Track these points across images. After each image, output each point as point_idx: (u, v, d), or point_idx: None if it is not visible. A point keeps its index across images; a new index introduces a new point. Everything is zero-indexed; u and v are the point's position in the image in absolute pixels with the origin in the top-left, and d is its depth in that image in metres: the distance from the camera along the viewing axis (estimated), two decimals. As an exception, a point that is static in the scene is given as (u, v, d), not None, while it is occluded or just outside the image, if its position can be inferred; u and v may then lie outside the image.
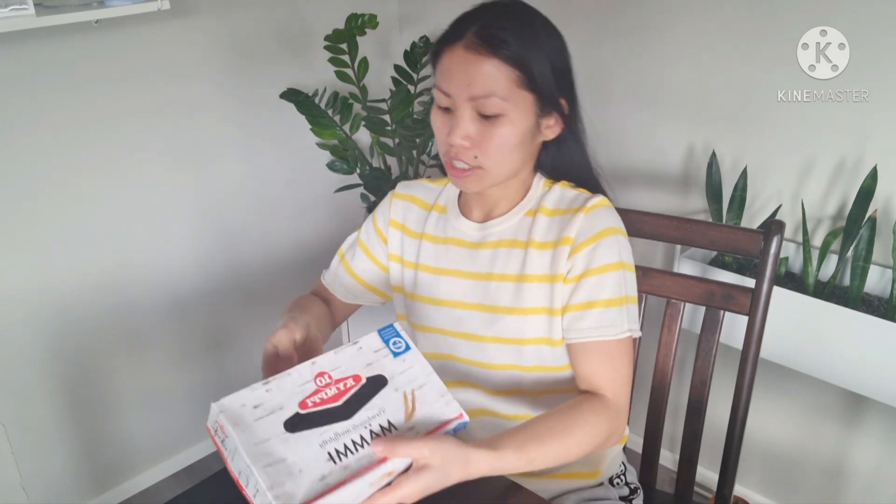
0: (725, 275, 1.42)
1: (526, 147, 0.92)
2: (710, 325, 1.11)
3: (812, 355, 1.34)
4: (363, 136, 1.94)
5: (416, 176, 1.84)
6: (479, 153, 0.88)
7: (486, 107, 0.87)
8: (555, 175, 0.99)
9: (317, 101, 1.74)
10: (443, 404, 0.75)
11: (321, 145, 1.85)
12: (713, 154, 1.48)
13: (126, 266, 1.75)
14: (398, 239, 1.05)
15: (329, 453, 0.66)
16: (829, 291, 1.36)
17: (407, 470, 0.69)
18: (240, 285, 1.99)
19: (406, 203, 1.06)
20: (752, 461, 1.70)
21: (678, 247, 1.54)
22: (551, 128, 0.93)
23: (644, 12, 1.56)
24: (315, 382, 0.71)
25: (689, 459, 1.16)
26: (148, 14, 1.52)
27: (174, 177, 1.79)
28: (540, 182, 0.99)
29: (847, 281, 1.36)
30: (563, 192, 0.97)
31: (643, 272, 1.14)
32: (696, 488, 1.27)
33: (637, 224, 1.14)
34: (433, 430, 0.73)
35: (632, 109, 1.65)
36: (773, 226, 1.04)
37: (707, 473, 1.60)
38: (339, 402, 0.70)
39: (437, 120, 0.92)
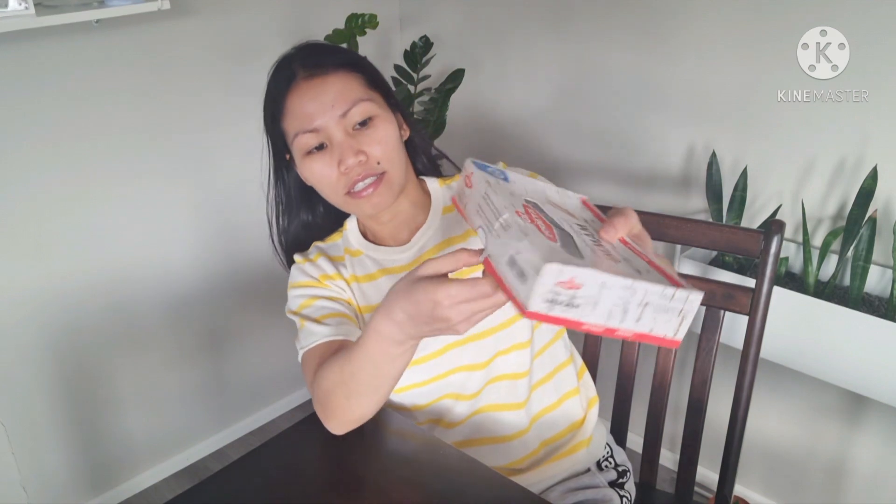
0: (726, 275, 1.42)
1: (401, 145, 0.94)
2: (711, 325, 1.11)
3: (812, 355, 1.34)
4: (363, 136, 1.94)
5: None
6: (377, 159, 0.89)
7: (357, 115, 0.88)
8: (436, 171, 1.03)
9: (317, 101, 1.74)
10: (564, 195, 0.74)
11: (321, 145, 1.85)
12: (713, 154, 1.48)
13: (125, 266, 1.75)
14: (339, 286, 0.98)
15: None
16: (829, 291, 1.36)
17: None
18: (239, 285, 1.99)
19: (321, 259, 0.99)
20: (752, 461, 1.70)
21: (678, 247, 1.55)
22: (404, 128, 0.97)
23: (644, 13, 1.56)
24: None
25: (689, 459, 1.16)
26: (148, 14, 1.52)
27: (174, 176, 1.79)
28: (434, 182, 1.01)
29: (847, 281, 1.36)
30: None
31: (643, 272, 1.14)
32: (696, 488, 1.27)
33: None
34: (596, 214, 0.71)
35: (632, 110, 1.65)
36: (773, 226, 1.04)
37: (707, 473, 1.60)
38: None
39: (315, 165, 0.89)
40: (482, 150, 2.03)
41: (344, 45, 0.95)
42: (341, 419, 0.85)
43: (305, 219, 1.03)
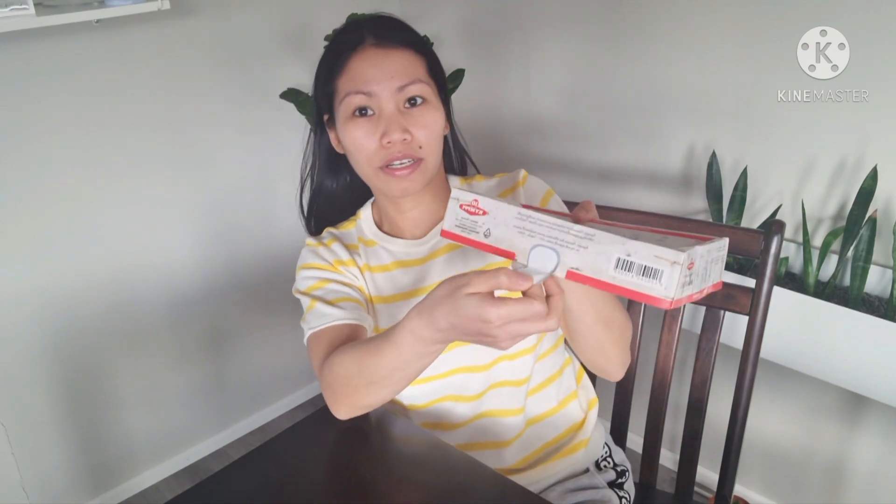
0: (726, 275, 1.42)
1: (442, 137, 0.94)
2: (711, 325, 1.11)
3: (812, 355, 1.34)
4: (363, 136, 1.94)
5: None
6: (420, 143, 0.89)
7: (411, 92, 0.88)
8: (460, 171, 1.04)
9: (317, 101, 1.74)
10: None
11: (321, 145, 1.85)
12: (713, 154, 1.48)
13: (126, 266, 1.76)
14: (353, 272, 0.98)
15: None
16: (829, 291, 1.36)
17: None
18: (240, 285, 2.00)
19: (335, 245, 0.99)
20: (752, 461, 1.70)
21: (678, 247, 1.54)
22: (445, 123, 0.96)
23: (644, 13, 1.57)
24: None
25: (689, 459, 1.16)
26: (148, 14, 1.52)
27: (174, 176, 1.79)
28: (456, 181, 1.02)
29: (847, 281, 1.36)
30: (483, 183, 1.00)
31: (643, 272, 1.14)
32: (696, 488, 1.27)
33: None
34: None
35: (632, 110, 1.65)
36: (773, 226, 1.04)
37: (707, 473, 1.60)
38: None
39: (358, 129, 0.88)
40: (481, 151, 2.02)
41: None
42: (352, 405, 0.85)
43: (329, 185, 1.03)
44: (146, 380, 1.87)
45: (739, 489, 1.76)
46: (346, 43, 0.91)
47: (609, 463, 1.08)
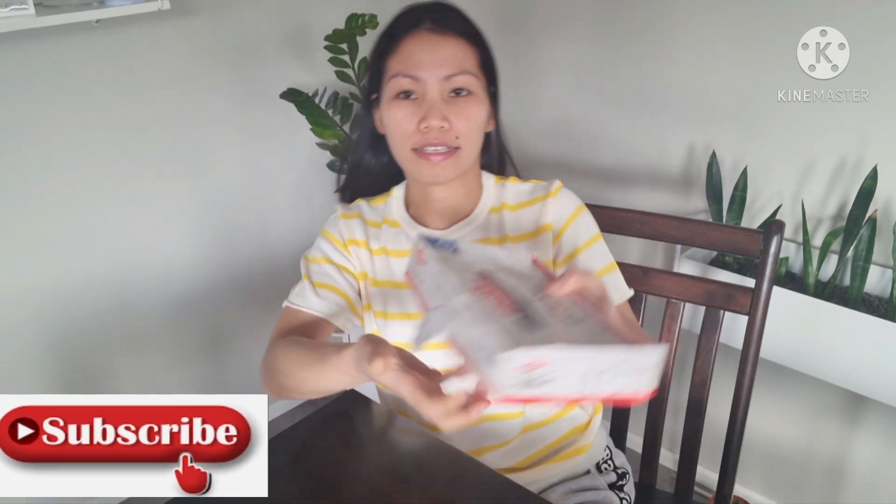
0: (726, 275, 1.42)
1: (482, 132, 0.94)
2: (711, 325, 1.11)
3: (812, 355, 1.34)
4: (363, 136, 1.94)
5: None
6: (457, 133, 0.89)
7: (457, 83, 0.89)
8: (499, 171, 1.03)
9: (317, 101, 1.74)
10: (516, 256, 0.70)
11: (321, 145, 1.85)
12: (713, 154, 1.48)
13: (126, 266, 1.75)
14: (360, 256, 1.00)
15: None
16: (829, 291, 1.36)
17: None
18: (239, 285, 1.99)
19: (356, 221, 1.01)
20: (752, 461, 1.70)
21: (678, 247, 1.55)
22: (489, 120, 0.96)
23: (645, 13, 1.57)
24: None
25: (689, 459, 1.16)
26: (148, 14, 1.52)
27: (174, 177, 1.79)
28: (490, 179, 1.01)
29: (847, 281, 1.36)
30: (517, 186, 1.00)
31: (643, 272, 1.14)
32: (696, 488, 1.27)
33: (638, 224, 1.15)
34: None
35: (633, 110, 1.65)
36: (773, 226, 1.04)
37: (707, 473, 1.60)
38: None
39: (399, 111, 0.90)
40: (482, 150, 2.03)
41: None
42: (274, 393, 0.92)
43: (369, 162, 1.03)
44: (146, 380, 1.87)
45: (739, 489, 1.76)
46: (402, 24, 0.91)
47: (610, 465, 1.08)
